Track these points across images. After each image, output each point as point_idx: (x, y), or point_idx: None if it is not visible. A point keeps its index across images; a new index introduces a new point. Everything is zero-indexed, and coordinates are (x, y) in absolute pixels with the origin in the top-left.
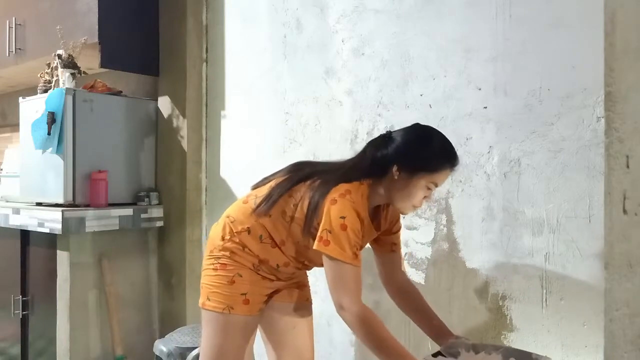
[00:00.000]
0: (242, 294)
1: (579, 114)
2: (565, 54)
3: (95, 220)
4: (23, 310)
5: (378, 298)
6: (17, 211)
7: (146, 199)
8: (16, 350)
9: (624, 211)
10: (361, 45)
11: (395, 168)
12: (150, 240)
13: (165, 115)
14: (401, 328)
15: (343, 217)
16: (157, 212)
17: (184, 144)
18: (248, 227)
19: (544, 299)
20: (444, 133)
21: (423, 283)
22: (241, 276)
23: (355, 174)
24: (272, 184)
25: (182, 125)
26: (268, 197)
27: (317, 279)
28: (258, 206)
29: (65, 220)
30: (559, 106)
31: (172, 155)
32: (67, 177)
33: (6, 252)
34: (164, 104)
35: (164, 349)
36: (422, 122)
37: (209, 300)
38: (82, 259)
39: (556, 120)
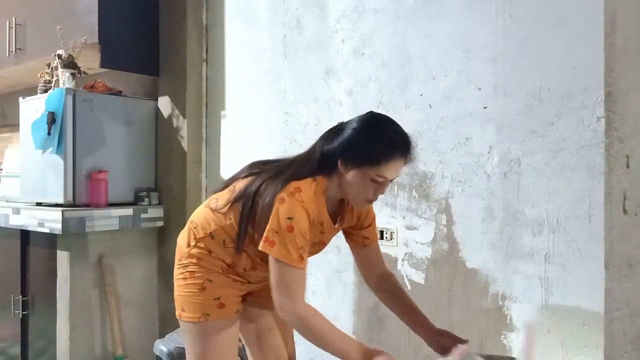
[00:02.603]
0: (215, 299)
1: (579, 114)
2: (565, 54)
3: (95, 220)
4: (23, 310)
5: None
6: (17, 211)
7: (146, 199)
8: (16, 350)
9: (624, 211)
10: (361, 45)
11: (339, 162)
12: (150, 240)
13: (165, 115)
14: (402, 331)
15: (290, 218)
16: (157, 212)
17: (184, 144)
18: (210, 232)
19: (544, 299)
20: (401, 123)
21: (423, 283)
22: (211, 281)
23: (306, 170)
24: (231, 187)
25: (182, 125)
26: (228, 201)
27: (318, 279)
28: (219, 209)
29: (65, 220)
30: (559, 106)
31: (172, 155)
32: (67, 177)
33: (6, 252)
34: (164, 104)
35: (164, 349)
36: (422, 122)
37: (184, 311)
38: (82, 259)
39: (556, 120)
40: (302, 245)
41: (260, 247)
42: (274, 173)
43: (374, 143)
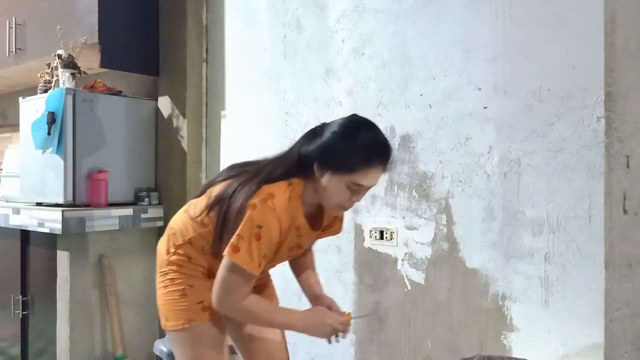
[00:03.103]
0: (198, 303)
1: (579, 114)
2: (565, 54)
3: (95, 220)
4: (23, 310)
5: (378, 298)
6: (17, 211)
7: (146, 199)
8: (16, 350)
9: (624, 211)
10: (361, 45)
11: (316, 165)
12: (150, 240)
13: (165, 115)
14: (401, 328)
15: (260, 227)
16: (157, 212)
17: (184, 144)
18: (189, 239)
19: (544, 299)
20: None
21: (423, 283)
22: (192, 286)
23: (282, 171)
24: (208, 192)
25: (182, 125)
26: (206, 207)
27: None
28: (196, 216)
29: (65, 220)
30: (559, 106)
31: (172, 155)
32: (67, 177)
33: (6, 252)
34: (164, 104)
35: (164, 349)
36: (422, 122)
37: (168, 320)
38: (82, 259)
39: (556, 120)
40: (265, 253)
41: (224, 253)
42: (249, 175)
43: (351, 149)
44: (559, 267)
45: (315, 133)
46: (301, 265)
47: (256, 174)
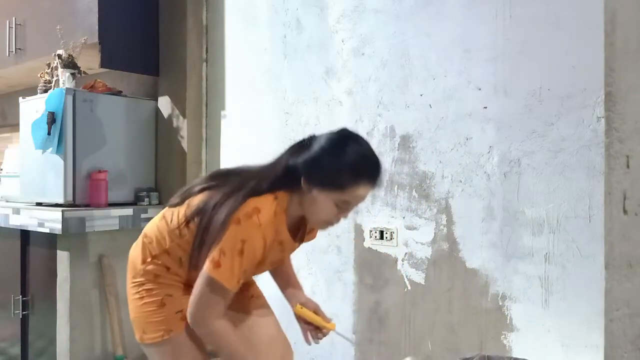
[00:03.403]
0: (177, 312)
1: (579, 114)
2: (565, 54)
3: (95, 220)
4: (23, 310)
5: (378, 298)
6: (17, 211)
7: (146, 199)
8: (16, 350)
9: (624, 211)
10: (361, 45)
11: (303, 180)
12: None
13: (165, 115)
14: (401, 328)
15: (243, 241)
16: (157, 212)
17: (184, 144)
18: (166, 250)
19: (544, 299)
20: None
21: (423, 283)
22: (171, 296)
23: (267, 184)
24: (187, 202)
25: (182, 125)
26: (184, 218)
27: (318, 279)
28: (174, 225)
29: (65, 220)
30: (559, 106)
31: (172, 155)
32: (67, 177)
33: (6, 252)
34: (164, 104)
35: None
36: (422, 122)
37: (145, 333)
38: (82, 259)
39: (556, 120)
40: (246, 269)
41: (204, 268)
42: (234, 187)
43: (339, 167)
44: (559, 267)
45: (303, 145)
46: (279, 269)
47: (240, 185)
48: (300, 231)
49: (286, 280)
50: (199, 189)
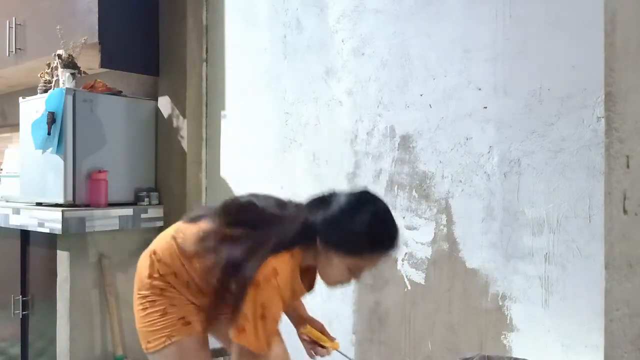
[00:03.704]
0: (180, 319)
1: (579, 114)
2: (565, 54)
3: (95, 220)
4: (23, 310)
5: (378, 298)
6: (17, 211)
7: (146, 199)
8: (16, 350)
9: (624, 211)
10: (361, 45)
11: (319, 240)
12: (150, 240)
13: (165, 115)
14: (401, 328)
15: (264, 307)
16: (157, 212)
17: (184, 144)
18: (174, 272)
19: (544, 299)
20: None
21: (423, 283)
22: (174, 305)
23: (286, 242)
24: (202, 226)
25: (182, 125)
26: (195, 253)
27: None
28: (185, 251)
29: (65, 220)
30: (559, 106)
31: (172, 155)
32: (67, 177)
33: (6, 252)
34: (164, 104)
35: None
36: (422, 122)
37: (149, 342)
38: (82, 259)
39: (556, 120)
40: (272, 330)
41: (232, 338)
42: (252, 243)
43: (356, 234)
44: (559, 267)
45: (322, 202)
46: None
47: (259, 242)
48: (313, 279)
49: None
50: (212, 216)
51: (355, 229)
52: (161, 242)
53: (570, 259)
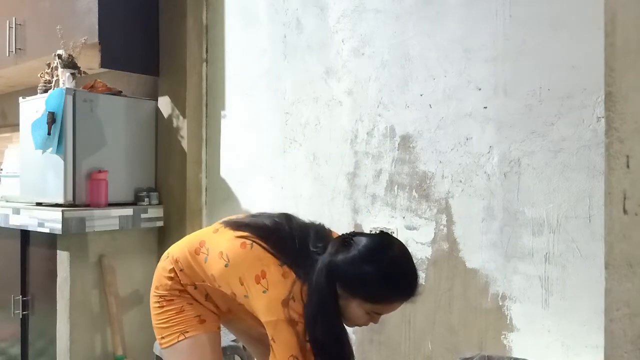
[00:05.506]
0: (196, 316)
1: (579, 114)
2: (565, 54)
3: (95, 220)
4: (23, 310)
5: None
6: (17, 211)
7: (146, 199)
8: (16, 350)
9: (624, 211)
10: (361, 45)
11: (338, 285)
12: (150, 240)
13: (165, 115)
14: (401, 328)
15: (294, 357)
16: (157, 212)
17: (184, 144)
18: (195, 284)
19: (544, 299)
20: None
21: (423, 283)
22: (191, 304)
23: (309, 282)
24: (230, 244)
25: (182, 125)
26: (215, 278)
27: None
28: (208, 276)
29: (65, 220)
30: (559, 106)
31: (172, 155)
32: (67, 177)
33: (6, 252)
34: (164, 104)
35: None
36: (422, 122)
37: (164, 338)
38: (82, 259)
39: (556, 120)
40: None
41: None
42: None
43: (374, 281)
44: (559, 267)
45: (344, 244)
46: None
47: (294, 269)
48: None
49: None
50: (238, 238)
51: (374, 275)
52: (184, 254)
53: (570, 259)
